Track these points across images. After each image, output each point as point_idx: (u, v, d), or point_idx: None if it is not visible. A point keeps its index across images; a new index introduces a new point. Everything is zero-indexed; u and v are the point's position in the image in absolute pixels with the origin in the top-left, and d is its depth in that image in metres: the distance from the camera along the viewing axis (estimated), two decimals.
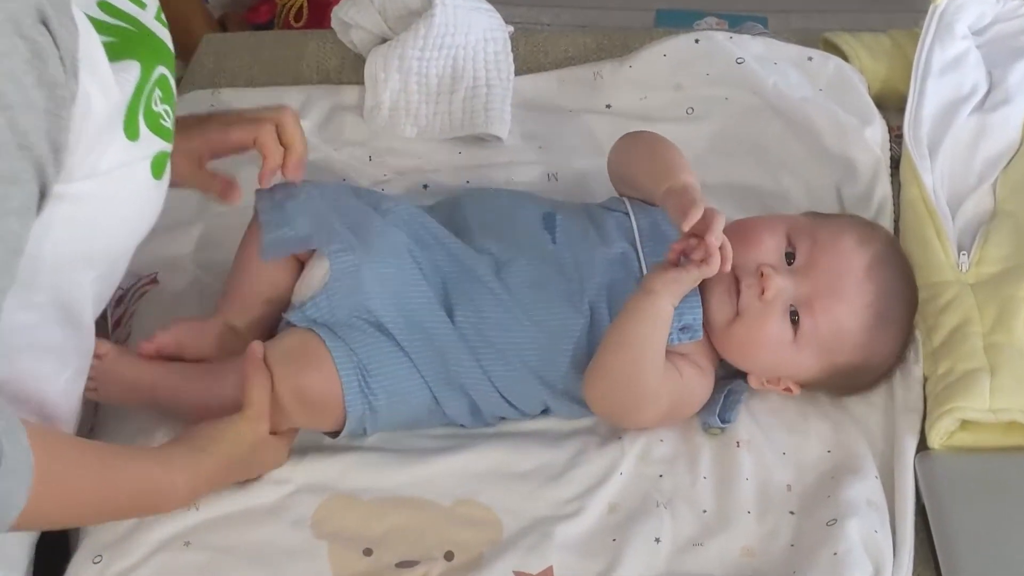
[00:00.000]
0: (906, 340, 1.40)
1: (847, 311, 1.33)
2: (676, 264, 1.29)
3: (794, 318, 1.32)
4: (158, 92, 1.09)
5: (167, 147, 1.13)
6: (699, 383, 1.35)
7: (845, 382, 1.38)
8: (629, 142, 1.47)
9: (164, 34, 1.14)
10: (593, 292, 1.35)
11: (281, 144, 1.34)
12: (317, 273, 1.34)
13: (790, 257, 1.35)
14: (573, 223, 1.40)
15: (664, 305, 1.29)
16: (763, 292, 1.31)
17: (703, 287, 1.32)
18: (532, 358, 1.33)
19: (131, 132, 1.06)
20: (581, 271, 1.36)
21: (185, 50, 2.35)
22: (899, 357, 1.40)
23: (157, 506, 1.24)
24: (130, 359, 1.34)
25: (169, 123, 1.12)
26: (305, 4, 2.62)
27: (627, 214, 1.41)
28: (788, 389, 1.37)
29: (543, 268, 1.36)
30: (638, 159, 1.44)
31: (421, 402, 1.33)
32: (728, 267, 1.27)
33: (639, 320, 1.29)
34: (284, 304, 1.37)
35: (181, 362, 1.36)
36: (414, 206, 1.42)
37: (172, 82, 1.13)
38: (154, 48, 1.11)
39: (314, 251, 1.36)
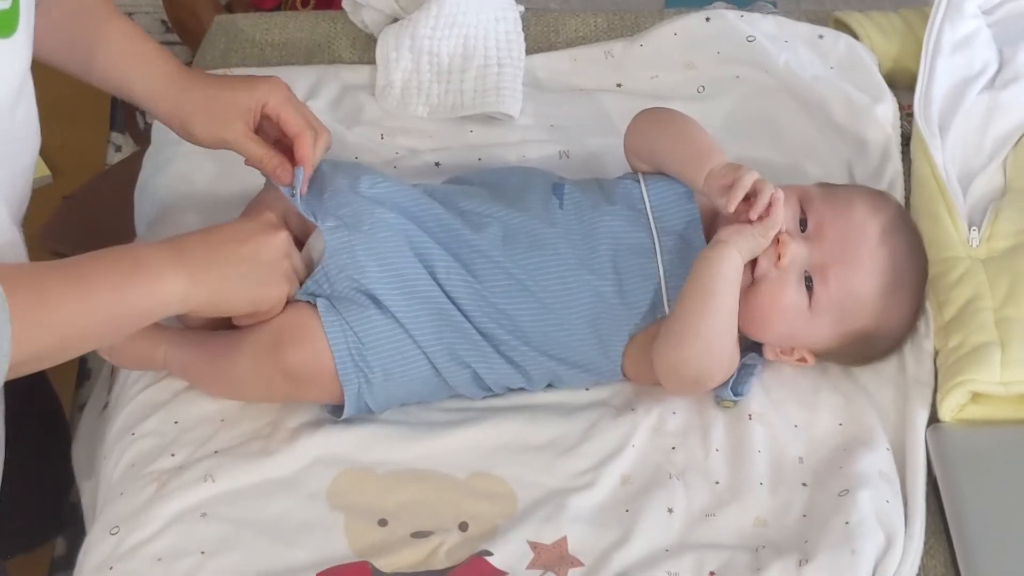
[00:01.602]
0: (918, 307, 1.41)
1: (861, 277, 1.34)
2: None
3: (808, 284, 1.33)
4: None
5: (4, 5, 1.07)
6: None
7: (859, 350, 1.39)
8: (651, 122, 1.46)
9: None
10: (601, 258, 1.35)
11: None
12: (317, 246, 1.36)
13: (803, 225, 1.36)
14: (582, 191, 1.41)
15: (734, 254, 1.30)
16: (779, 258, 1.32)
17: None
18: (535, 324, 1.34)
19: None
20: (589, 237, 1.37)
21: (193, 35, 2.36)
22: (911, 325, 1.41)
23: (150, 305, 1.20)
24: (143, 333, 1.33)
25: None
26: None
27: (638, 181, 1.42)
28: (803, 359, 1.38)
29: (549, 233, 1.37)
30: (666, 141, 1.43)
31: (421, 374, 1.34)
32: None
33: (716, 270, 1.30)
34: None
35: (193, 333, 1.37)
36: (403, 183, 1.43)
37: None
38: None
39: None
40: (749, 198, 1.31)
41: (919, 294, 1.41)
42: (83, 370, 2.18)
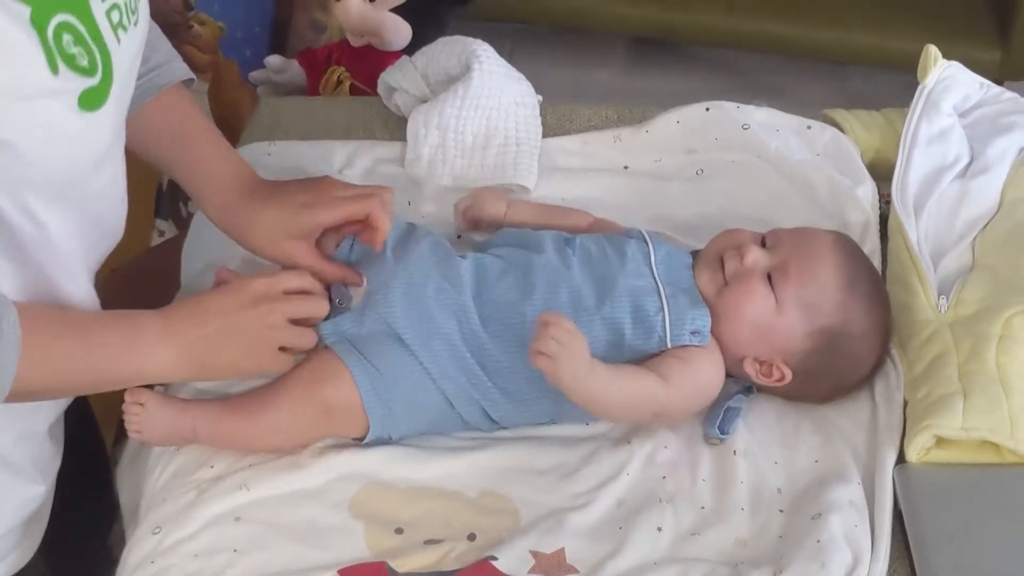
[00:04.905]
0: (881, 321, 1.55)
1: (818, 266, 1.51)
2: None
3: (773, 284, 1.50)
4: (67, 36, 1.12)
5: (93, 82, 1.16)
6: (710, 366, 1.50)
7: (831, 360, 1.51)
8: None
9: None
10: (608, 307, 1.50)
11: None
12: (356, 291, 1.52)
13: (764, 244, 1.55)
14: (592, 244, 1.57)
15: (564, 366, 1.39)
16: (743, 259, 1.50)
17: (697, 269, 1.54)
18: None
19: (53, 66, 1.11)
20: (602, 279, 1.52)
21: (237, 133, 2.54)
22: (877, 339, 1.55)
23: (136, 372, 1.33)
24: (169, 404, 1.46)
25: (85, 62, 1.14)
26: (348, 91, 2.82)
27: (645, 241, 1.58)
28: (781, 379, 1.52)
29: (565, 275, 1.52)
30: None
31: (436, 406, 1.47)
32: None
33: (574, 385, 1.42)
34: None
35: (220, 401, 1.48)
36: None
37: (82, 29, 1.15)
38: None
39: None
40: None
41: (878, 301, 1.56)
42: (121, 429, 2.28)
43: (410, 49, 2.81)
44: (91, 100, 1.15)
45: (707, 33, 3.21)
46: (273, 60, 2.98)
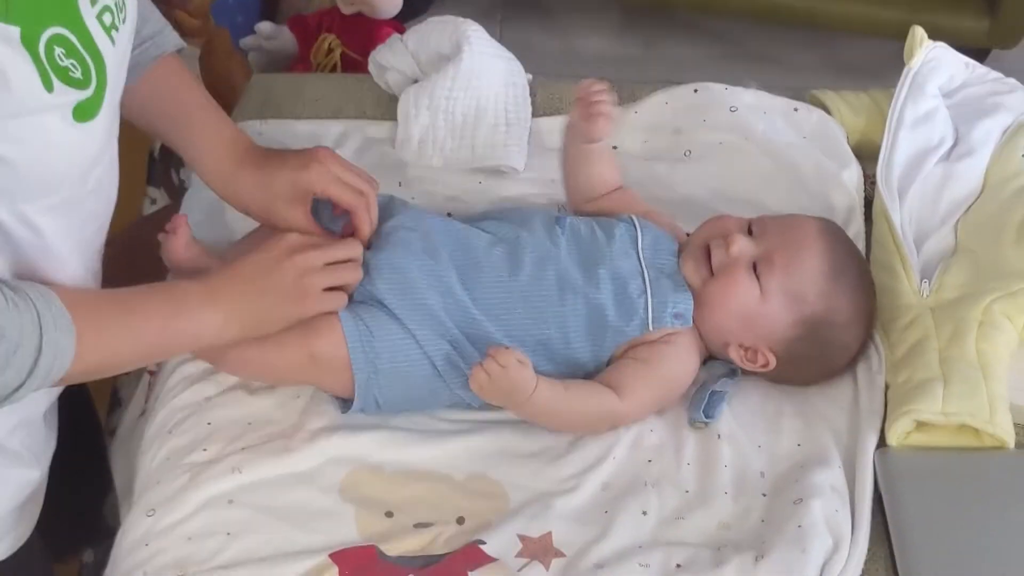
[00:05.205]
0: (865, 307, 1.58)
1: (803, 256, 1.54)
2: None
3: (758, 274, 1.52)
4: (59, 49, 1.13)
5: (87, 94, 1.17)
6: (680, 362, 1.54)
7: (816, 348, 1.54)
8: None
9: None
10: (601, 276, 1.52)
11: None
12: None
13: (750, 232, 1.57)
14: (582, 224, 1.59)
15: (506, 389, 1.43)
16: (729, 248, 1.52)
17: (684, 256, 1.56)
18: (527, 341, 1.49)
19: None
20: (588, 258, 1.54)
21: (228, 102, 2.54)
22: (861, 325, 1.58)
23: (189, 337, 1.37)
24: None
25: (79, 74, 1.15)
26: (339, 64, 2.82)
27: (634, 225, 1.60)
28: (765, 364, 1.54)
29: (552, 251, 1.54)
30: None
31: (423, 373, 1.49)
32: None
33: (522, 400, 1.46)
34: None
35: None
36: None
37: (74, 39, 1.16)
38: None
39: None
40: None
41: (863, 289, 1.58)
42: (114, 398, 2.32)
43: (400, 17, 2.81)
44: (85, 111, 1.17)
45: (699, 1, 3.21)
46: (264, 27, 2.98)
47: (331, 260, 1.45)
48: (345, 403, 1.51)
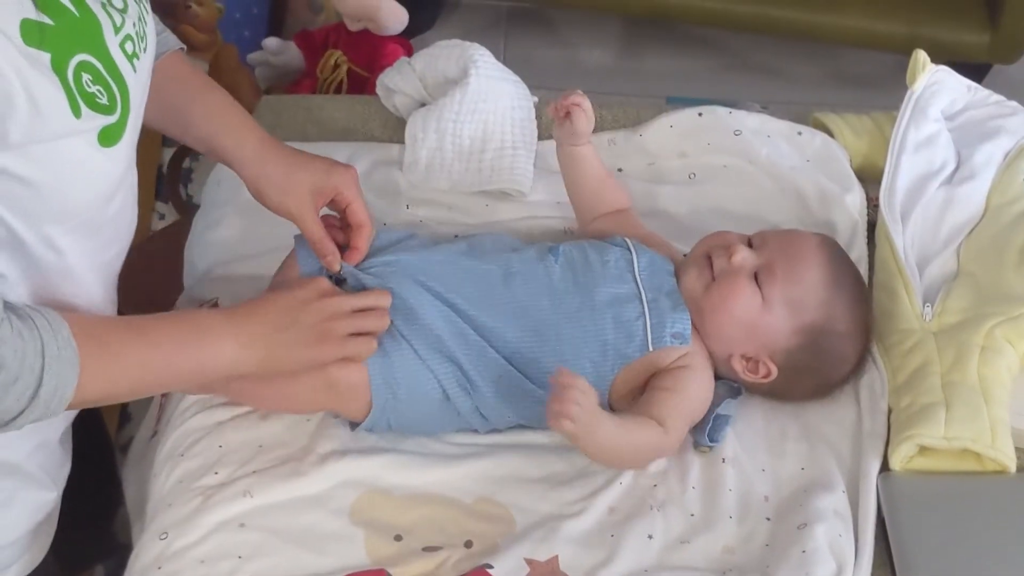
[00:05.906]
0: (864, 321, 1.60)
1: (803, 267, 1.56)
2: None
3: (760, 283, 1.54)
4: (87, 75, 1.16)
5: (112, 120, 1.20)
6: (703, 384, 1.55)
7: (816, 358, 1.56)
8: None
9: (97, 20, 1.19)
10: (589, 313, 1.53)
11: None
12: None
13: (750, 245, 1.59)
14: (575, 251, 1.61)
15: (582, 424, 1.41)
16: (731, 257, 1.55)
17: (685, 268, 1.59)
18: (523, 367, 1.51)
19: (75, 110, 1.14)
20: (585, 284, 1.56)
21: None
22: (860, 337, 1.60)
23: (204, 366, 1.36)
24: None
25: (105, 99, 1.18)
26: (345, 80, 2.84)
27: (628, 248, 1.61)
28: (767, 374, 1.56)
29: (546, 280, 1.56)
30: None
31: (434, 397, 1.50)
32: None
33: (592, 440, 1.45)
34: None
35: None
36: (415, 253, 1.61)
37: (100, 66, 1.18)
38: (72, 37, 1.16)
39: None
40: None
41: (861, 301, 1.61)
42: (124, 414, 2.35)
43: (406, 33, 2.84)
44: (110, 136, 1.19)
45: (700, 14, 3.23)
46: (271, 42, 3.00)
47: (358, 308, 1.46)
48: (354, 422, 1.53)
